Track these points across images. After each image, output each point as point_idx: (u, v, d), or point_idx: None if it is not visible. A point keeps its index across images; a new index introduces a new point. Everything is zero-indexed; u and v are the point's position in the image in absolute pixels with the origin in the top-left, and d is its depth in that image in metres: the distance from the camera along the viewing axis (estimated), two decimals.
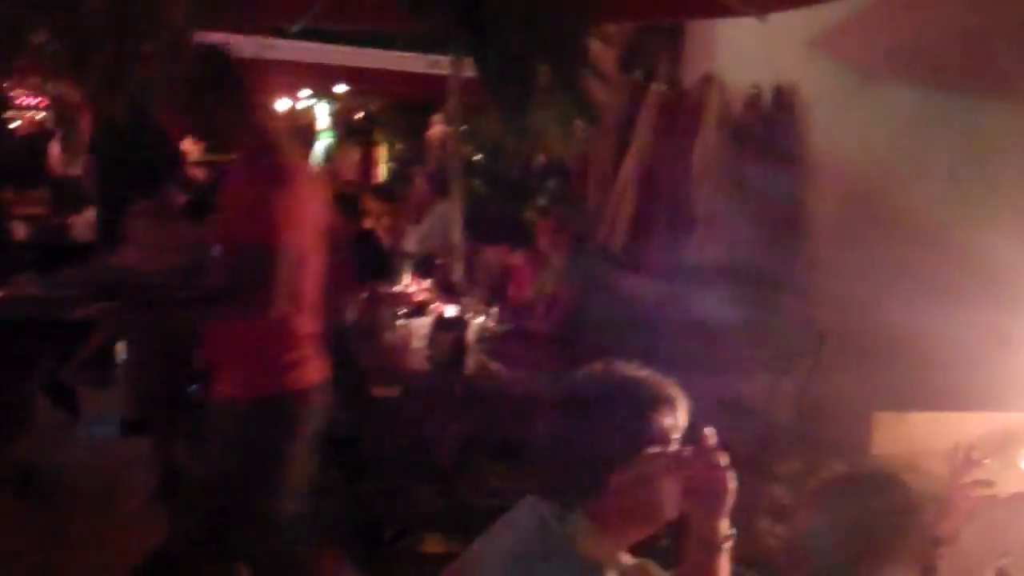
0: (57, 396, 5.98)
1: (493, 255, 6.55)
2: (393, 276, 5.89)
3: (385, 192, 8.09)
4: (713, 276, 6.10)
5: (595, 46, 4.64)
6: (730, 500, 1.86)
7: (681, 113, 6.61)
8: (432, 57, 6.71)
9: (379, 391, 4.63)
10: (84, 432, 6.04)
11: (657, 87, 6.88)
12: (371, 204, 7.30)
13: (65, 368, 5.97)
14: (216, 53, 3.21)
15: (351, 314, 5.38)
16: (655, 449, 1.87)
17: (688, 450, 1.87)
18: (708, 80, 6.48)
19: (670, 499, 1.86)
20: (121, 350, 7.04)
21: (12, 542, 4.54)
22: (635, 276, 6.05)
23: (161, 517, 4.02)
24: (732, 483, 1.85)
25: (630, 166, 6.85)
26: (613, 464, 1.85)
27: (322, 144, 14.32)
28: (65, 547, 4.54)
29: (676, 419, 1.92)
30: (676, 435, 1.91)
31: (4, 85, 5.47)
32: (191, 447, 4.27)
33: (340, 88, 11.43)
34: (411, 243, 7.25)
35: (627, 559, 1.94)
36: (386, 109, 12.96)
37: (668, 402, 1.92)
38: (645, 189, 6.68)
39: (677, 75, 7.32)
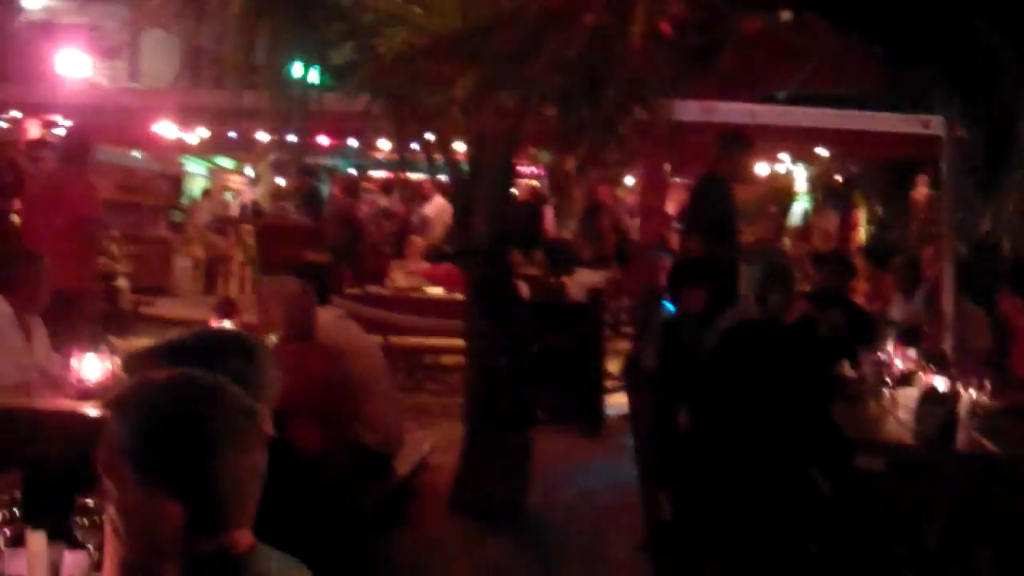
0: None
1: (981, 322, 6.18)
2: (876, 343, 5.74)
3: (871, 255, 7.95)
4: None
5: None
6: None
7: None
8: (922, 117, 6.50)
9: (863, 462, 4.54)
10: (575, 480, 6.47)
11: None
12: (861, 264, 7.21)
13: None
14: None
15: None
16: None
17: None
18: None
19: None
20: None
21: None
22: None
23: (648, 567, 4.22)
24: None
25: None
26: None
27: (799, 207, 14.27)
28: None
29: None
30: None
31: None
32: (677, 497, 4.43)
33: (821, 151, 11.32)
34: (897, 310, 7.04)
35: None
36: (866, 171, 12.64)
37: None
38: None
39: None
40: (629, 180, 14.48)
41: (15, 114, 11.12)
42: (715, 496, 4.33)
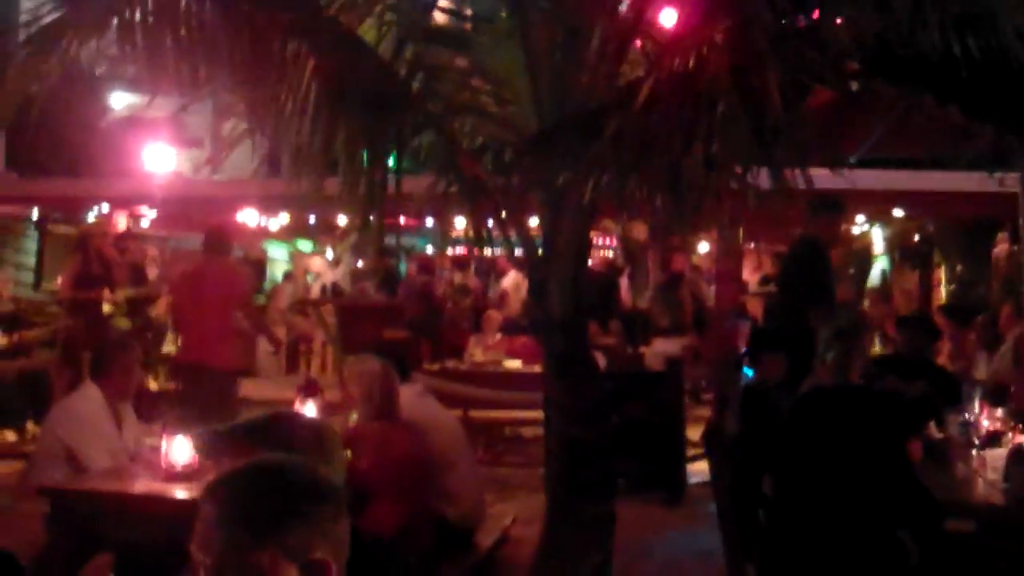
0: None
1: None
2: (962, 403, 5.64)
3: (952, 313, 7.85)
4: None
5: None
6: None
7: None
8: (998, 175, 6.44)
9: (953, 525, 4.46)
10: (659, 550, 6.42)
11: None
12: (942, 323, 7.11)
13: None
14: None
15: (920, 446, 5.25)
16: None
17: None
18: None
19: None
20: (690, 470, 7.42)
21: None
22: None
23: None
24: None
25: None
26: None
27: (878, 268, 14.13)
28: None
29: None
30: None
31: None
32: (763, 565, 4.39)
33: (897, 212, 11.25)
34: (981, 369, 6.92)
35: None
36: (945, 230, 12.50)
37: None
38: None
39: None
40: (703, 247, 14.49)
41: (104, 207, 11.59)
42: (801, 564, 4.28)
